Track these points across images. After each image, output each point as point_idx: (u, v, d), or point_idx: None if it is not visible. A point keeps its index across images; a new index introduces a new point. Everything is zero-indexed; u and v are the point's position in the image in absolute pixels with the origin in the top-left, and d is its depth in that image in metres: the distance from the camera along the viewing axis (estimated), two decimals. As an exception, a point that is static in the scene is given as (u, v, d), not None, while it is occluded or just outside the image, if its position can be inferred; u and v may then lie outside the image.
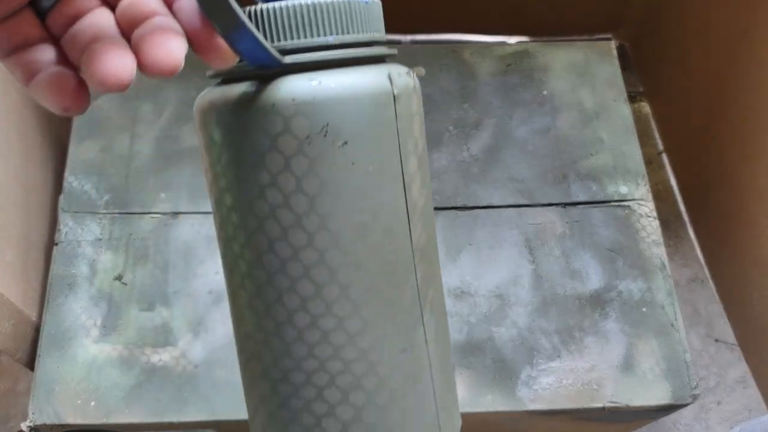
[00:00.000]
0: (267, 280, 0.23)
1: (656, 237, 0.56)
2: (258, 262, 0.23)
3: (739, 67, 0.61)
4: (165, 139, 0.59)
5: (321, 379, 0.24)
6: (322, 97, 0.22)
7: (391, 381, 0.24)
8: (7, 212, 0.51)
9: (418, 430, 0.25)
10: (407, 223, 0.24)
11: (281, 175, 0.22)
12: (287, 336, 0.24)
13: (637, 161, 0.59)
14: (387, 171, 0.23)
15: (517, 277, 0.54)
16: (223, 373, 0.50)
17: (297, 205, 0.22)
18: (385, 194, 0.23)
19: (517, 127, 0.60)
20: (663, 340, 0.52)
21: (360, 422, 0.24)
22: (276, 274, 0.23)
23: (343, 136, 0.22)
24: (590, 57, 0.64)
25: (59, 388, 0.50)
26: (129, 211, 0.56)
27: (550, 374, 0.51)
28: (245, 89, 0.23)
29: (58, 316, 0.52)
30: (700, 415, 0.73)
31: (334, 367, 0.23)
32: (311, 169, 0.22)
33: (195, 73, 0.68)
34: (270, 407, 0.25)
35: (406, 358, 0.24)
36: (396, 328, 0.24)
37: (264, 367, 0.25)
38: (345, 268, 0.23)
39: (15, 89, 0.56)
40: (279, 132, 0.22)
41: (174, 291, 0.53)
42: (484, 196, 0.57)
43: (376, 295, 0.23)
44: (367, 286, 0.23)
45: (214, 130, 0.23)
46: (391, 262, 0.24)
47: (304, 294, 0.23)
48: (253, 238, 0.23)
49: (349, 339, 0.23)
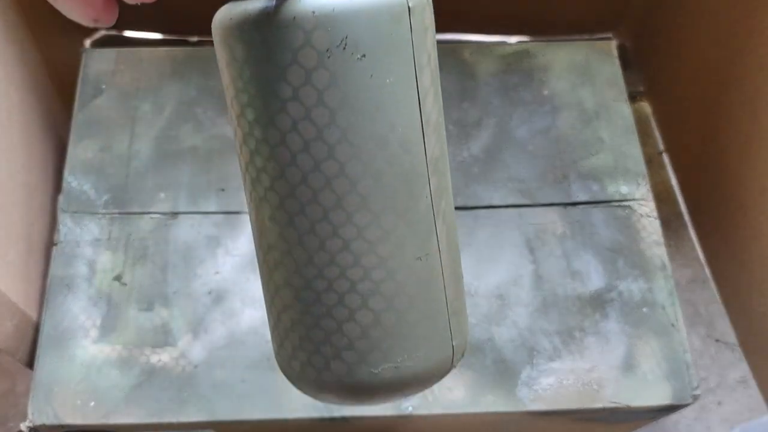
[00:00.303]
0: (290, 192, 0.24)
1: (657, 237, 0.56)
2: (281, 175, 0.24)
3: (740, 67, 0.61)
4: (164, 138, 0.59)
5: (342, 286, 0.25)
6: (341, 9, 0.22)
7: (407, 287, 0.25)
8: (9, 212, 0.51)
9: (432, 333, 0.26)
10: (422, 136, 0.25)
11: (303, 89, 0.23)
12: (310, 245, 0.25)
13: (638, 161, 0.59)
14: (403, 84, 0.24)
15: (517, 277, 0.54)
16: (222, 374, 0.50)
17: (318, 117, 0.23)
18: (402, 107, 0.24)
19: (517, 126, 0.60)
20: (664, 341, 0.52)
21: (379, 325, 0.25)
22: (298, 186, 0.24)
23: (361, 48, 0.23)
24: (591, 57, 0.64)
25: (58, 388, 0.49)
26: (128, 211, 0.56)
27: (550, 375, 0.51)
28: (266, 3, 0.23)
29: (57, 317, 0.52)
30: (701, 416, 0.73)
31: (354, 274, 0.25)
32: (332, 82, 0.23)
33: (194, 72, 0.68)
34: (292, 314, 0.26)
35: (422, 265, 0.25)
36: (412, 237, 0.25)
37: (287, 277, 0.26)
38: (365, 179, 0.24)
39: (16, 89, 0.56)
40: (300, 45, 0.23)
41: (173, 291, 0.53)
42: (485, 196, 0.57)
43: (394, 205, 0.24)
44: (385, 196, 0.24)
45: (236, 46, 0.24)
46: (408, 173, 0.25)
47: (325, 205, 0.24)
48: (275, 152, 0.24)
49: (369, 247, 0.24)
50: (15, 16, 0.58)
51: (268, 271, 0.27)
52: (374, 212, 0.24)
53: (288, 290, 0.26)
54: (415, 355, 0.26)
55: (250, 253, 0.54)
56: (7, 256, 0.50)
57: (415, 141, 0.25)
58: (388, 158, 0.24)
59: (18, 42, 0.58)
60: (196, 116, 0.60)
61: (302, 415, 0.49)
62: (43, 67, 0.63)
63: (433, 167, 0.25)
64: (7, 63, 0.55)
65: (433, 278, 0.26)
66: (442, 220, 0.26)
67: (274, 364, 0.51)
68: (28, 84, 0.59)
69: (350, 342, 0.25)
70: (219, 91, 0.61)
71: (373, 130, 0.24)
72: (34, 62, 0.61)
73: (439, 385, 0.50)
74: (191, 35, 0.79)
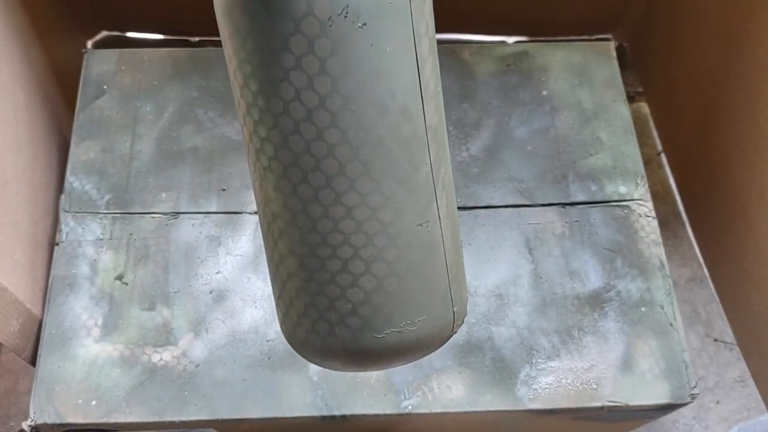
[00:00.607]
0: (293, 160, 0.24)
1: (655, 237, 0.56)
2: (284, 144, 0.24)
3: (738, 67, 0.61)
4: (166, 139, 0.59)
5: (346, 252, 0.25)
6: None
7: (409, 252, 0.26)
8: (16, 211, 0.52)
9: (433, 298, 0.27)
10: (421, 103, 0.25)
11: (305, 58, 0.23)
12: (314, 213, 0.25)
13: (636, 161, 0.59)
14: (403, 52, 0.24)
15: (516, 276, 0.55)
16: (224, 373, 0.51)
17: (321, 86, 0.23)
18: (402, 75, 0.24)
19: (516, 127, 0.61)
20: (662, 340, 0.53)
21: (381, 290, 0.25)
22: (302, 154, 0.24)
23: (362, 17, 0.23)
24: (589, 57, 0.64)
25: (60, 387, 0.50)
26: (130, 211, 0.56)
27: (549, 374, 0.51)
28: None
29: (59, 316, 0.52)
30: (699, 415, 0.74)
31: (357, 240, 0.25)
32: (334, 50, 0.23)
33: (195, 73, 0.69)
34: (297, 282, 0.26)
35: (422, 231, 0.26)
36: (413, 203, 0.25)
37: (291, 245, 0.26)
38: (366, 146, 0.24)
39: (23, 89, 0.56)
40: (302, 14, 0.23)
41: (175, 291, 0.53)
42: (484, 196, 0.58)
43: (395, 172, 0.25)
44: (386, 163, 0.25)
45: (239, 18, 0.24)
46: (408, 140, 0.25)
47: (328, 172, 0.24)
48: (279, 121, 0.24)
49: (371, 213, 0.25)
50: (19, 18, 0.58)
51: (273, 240, 0.27)
52: (376, 179, 0.24)
53: (292, 258, 0.26)
54: (417, 320, 0.26)
55: (251, 253, 0.55)
56: (14, 255, 0.50)
57: (415, 108, 0.25)
58: (388, 125, 0.24)
59: (23, 43, 0.58)
60: (198, 117, 0.60)
61: (303, 413, 0.49)
62: (47, 68, 0.63)
63: (432, 134, 0.26)
64: (14, 64, 0.55)
65: (433, 244, 0.26)
66: (442, 187, 0.26)
67: (275, 363, 0.51)
68: (34, 85, 0.59)
69: (354, 308, 0.26)
70: (220, 92, 0.61)
71: (374, 98, 0.24)
72: (39, 63, 0.61)
73: (439, 384, 0.51)
74: (192, 36, 0.79)
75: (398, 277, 0.26)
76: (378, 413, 0.50)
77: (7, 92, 0.53)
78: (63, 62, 0.67)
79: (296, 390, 0.50)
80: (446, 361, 0.51)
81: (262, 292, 0.53)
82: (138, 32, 0.80)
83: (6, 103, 0.53)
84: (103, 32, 0.79)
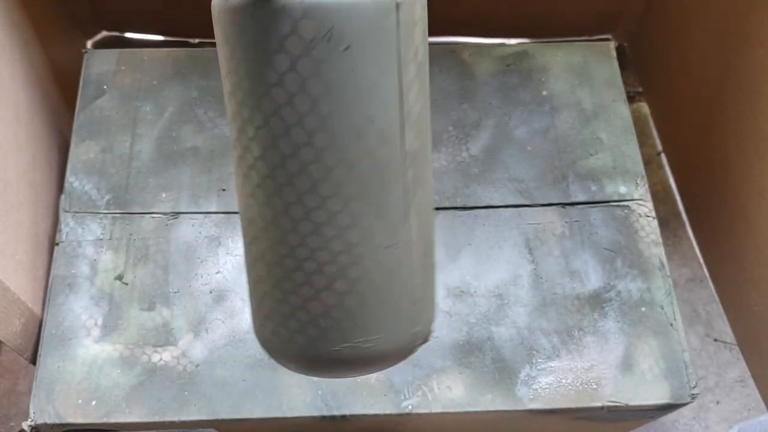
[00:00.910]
0: (269, 173, 0.25)
1: (655, 237, 0.56)
2: (262, 156, 0.25)
3: (738, 67, 0.61)
4: (166, 139, 0.59)
5: (310, 267, 0.26)
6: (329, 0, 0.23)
7: (372, 273, 0.26)
8: (18, 211, 0.52)
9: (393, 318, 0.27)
10: (401, 129, 0.25)
11: (287, 75, 0.24)
12: (284, 226, 0.26)
13: (636, 161, 0.59)
14: (385, 78, 0.24)
15: (516, 276, 0.55)
16: (223, 373, 0.51)
17: (300, 104, 0.24)
18: (382, 101, 0.25)
19: (516, 127, 0.61)
20: (662, 340, 0.53)
21: (341, 307, 0.26)
22: (277, 168, 0.25)
23: (345, 40, 0.23)
24: (589, 58, 0.64)
25: (60, 387, 0.50)
26: (130, 211, 0.56)
27: (549, 374, 0.51)
28: None
29: (59, 316, 0.52)
30: (699, 415, 0.74)
31: (322, 257, 0.26)
32: (315, 71, 0.23)
33: (195, 73, 0.69)
34: (264, 287, 0.28)
35: (389, 253, 0.26)
36: (382, 226, 0.26)
37: (262, 251, 0.27)
38: (339, 167, 0.25)
39: (23, 89, 0.56)
40: (287, 33, 0.23)
41: (175, 291, 0.53)
42: (484, 196, 0.58)
43: (366, 194, 0.25)
44: (358, 185, 0.25)
45: (229, 28, 0.25)
46: (382, 165, 0.25)
47: (300, 188, 0.25)
48: (259, 133, 0.25)
49: (338, 232, 0.25)
50: (20, 18, 0.58)
51: (247, 243, 0.28)
52: (345, 200, 0.25)
53: (262, 264, 0.27)
54: (373, 338, 0.27)
55: (251, 253, 0.55)
56: (15, 255, 0.50)
57: (394, 134, 0.25)
58: (363, 149, 0.25)
59: (23, 44, 0.58)
60: (197, 117, 0.60)
61: (302, 413, 0.50)
62: (47, 68, 0.63)
63: (412, 159, 0.26)
64: (14, 64, 0.55)
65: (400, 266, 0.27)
66: (416, 211, 0.27)
67: (275, 363, 0.51)
68: (34, 85, 0.59)
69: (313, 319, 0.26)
70: (219, 92, 0.61)
71: (352, 122, 0.24)
72: (39, 64, 0.61)
73: (439, 384, 0.51)
74: (192, 37, 0.79)
75: (359, 296, 0.26)
76: (378, 413, 0.50)
77: (7, 92, 0.53)
78: (63, 62, 0.67)
79: (296, 390, 0.50)
80: (446, 361, 0.51)
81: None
82: (138, 33, 0.80)
83: (7, 104, 0.53)
84: (103, 32, 0.79)
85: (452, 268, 0.55)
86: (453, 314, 0.53)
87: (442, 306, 0.53)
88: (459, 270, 0.55)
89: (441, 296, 0.54)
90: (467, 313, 0.53)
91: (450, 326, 0.53)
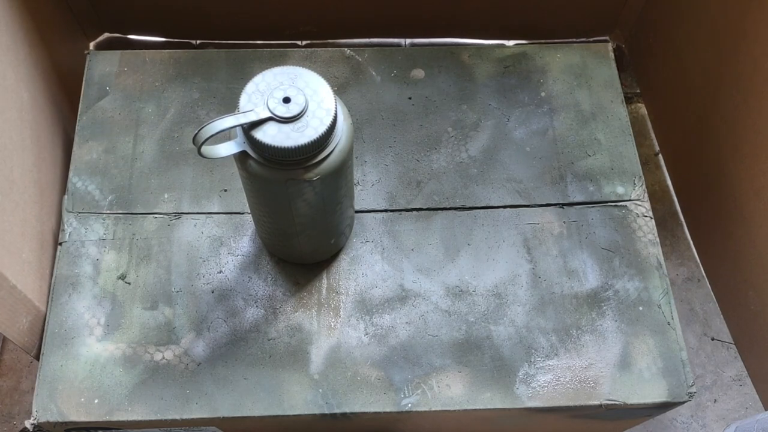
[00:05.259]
0: (259, 217, 0.51)
1: (652, 237, 0.57)
2: (253, 210, 0.51)
3: (734, 68, 0.62)
4: (168, 140, 0.59)
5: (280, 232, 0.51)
6: None
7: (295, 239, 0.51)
8: (23, 210, 0.52)
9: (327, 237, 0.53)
10: (293, 218, 0.47)
11: (267, 201, 0.47)
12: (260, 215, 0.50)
13: (634, 162, 0.60)
14: (283, 206, 0.47)
15: (515, 276, 0.55)
16: (225, 371, 0.51)
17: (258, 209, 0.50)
18: (284, 215, 0.48)
19: (515, 128, 0.61)
20: (659, 339, 0.53)
21: (288, 243, 0.52)
22: (262, 216, 0.50)
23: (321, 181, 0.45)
24: (587, 59, 0.65)
25: (63, 386, 0.50)
26: (132, 212, 0.56)
27: (547, 372, 0.52)
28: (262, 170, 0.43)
29: (62, 315, 0.52)
30: (697, 413, 0.74)
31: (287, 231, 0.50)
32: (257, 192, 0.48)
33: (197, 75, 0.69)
34: (262, 231, 0.53)
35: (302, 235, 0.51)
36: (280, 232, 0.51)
37: (262, 222, 0.51)
38: (276, 222, 0.50)
39: (27, 90, 0.57)
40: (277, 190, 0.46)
41: (177, 290, 0.54)
42: (483, 197, 0.58)
43: (292, 232, 0.50)
44: (293, 229, 0.50)
45: (241, 169, 0.44)
46: (286, 231, 0.50)
47: (263, 221, 0.51)
48: (254, 211, 0.51)
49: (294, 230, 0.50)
50: (23, 20, 0.58)
51: (255, 217, 0.52)
52: (294, 228, 0.50)
53: (260, 225, 0.53)
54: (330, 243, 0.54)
55: (253, 253, 0.55)
56: (22, 253, 0.51)
57: (287, 220, 0.48)
58: (270, 217, 0.49)
59: (27, 45, 0.58)
60: (199, 118, 0.60)
61: (303, 411, 0.50)
62: (51, 69, 0.64)
63: (302, 228, 0.49)
64: (18, 65, 0.56)
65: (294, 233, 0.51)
66: (306, 235, 0.51)
67: (276, 361, 0.51)
68: (38, 85, 0.60)
69: (281, 242, 0.53)
70: (221, 93, 0.62)
71: (268, 209, 0.48)
72: (43, 65, 0.62)
73: (438, 382, 0.51)
74: (194, 38, 0.80)
75: (295, 243, 0.52)
76: (378, 411, 0.50)
77: (12, 93, 0.53)
78: (66, 63, 0.67)
79: (297, 388, 0.51)
80: (446, 360, 0.52)
81: (264, 291, 0.54)
82: (139, 35, 0.80)
83: (11, 104, 0.53)
84: (105, 34, 0.80)
85: (451, 268, 0.55)
86: (452, 313, 0.54)
87: (442, 305, 0.54)
88: (458, 269, 0.55)
89: (440, 295, 0.54)
90: (466, 312, 0.54)
91: (449, 325, 0.53)
